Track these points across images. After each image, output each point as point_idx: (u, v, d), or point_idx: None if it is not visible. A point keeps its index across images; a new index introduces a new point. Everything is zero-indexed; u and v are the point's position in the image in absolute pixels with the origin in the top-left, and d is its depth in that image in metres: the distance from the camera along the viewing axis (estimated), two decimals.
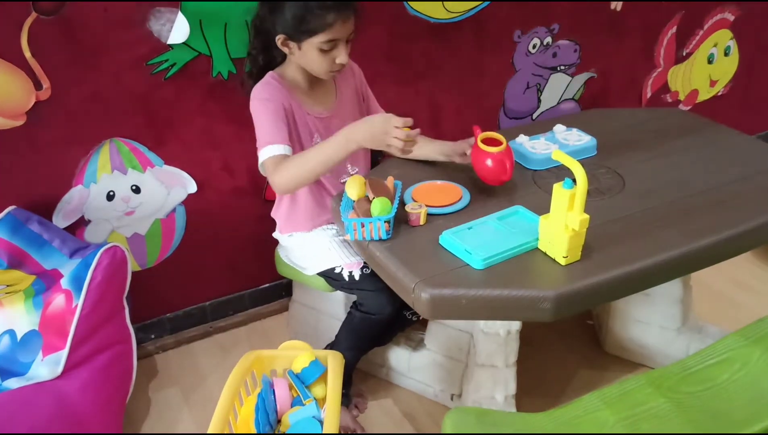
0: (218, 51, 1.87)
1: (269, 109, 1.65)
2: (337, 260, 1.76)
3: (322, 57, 1.62)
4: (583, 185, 1.33)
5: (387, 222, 1.50)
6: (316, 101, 1.75)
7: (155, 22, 1.76)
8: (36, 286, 1.71)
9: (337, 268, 1.76)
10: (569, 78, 2.52)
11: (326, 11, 1.56)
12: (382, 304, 1.73)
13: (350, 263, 1.74)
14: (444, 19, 2.15)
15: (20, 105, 1.71)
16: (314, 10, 1.55)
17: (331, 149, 1.57)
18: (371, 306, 1.75)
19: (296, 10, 1.57)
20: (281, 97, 1.67)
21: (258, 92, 1.68)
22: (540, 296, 1.33)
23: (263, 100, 1.66)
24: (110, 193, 1.92)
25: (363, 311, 1.77)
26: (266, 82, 1.69)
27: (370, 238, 1.52)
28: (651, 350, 2.02)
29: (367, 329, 1.79)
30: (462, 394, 1.86)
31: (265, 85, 1.69)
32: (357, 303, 1.79)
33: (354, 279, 1.73)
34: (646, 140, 1.95)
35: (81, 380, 1.69)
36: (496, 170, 1.62)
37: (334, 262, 1.76)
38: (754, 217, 1.56)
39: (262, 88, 1.68)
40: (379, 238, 1.51)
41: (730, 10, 2.74)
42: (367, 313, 1.76)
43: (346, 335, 1.81)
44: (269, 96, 1.67)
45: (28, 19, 1.63)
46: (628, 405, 1.26)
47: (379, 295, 1.71)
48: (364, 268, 1.73)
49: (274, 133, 1.63)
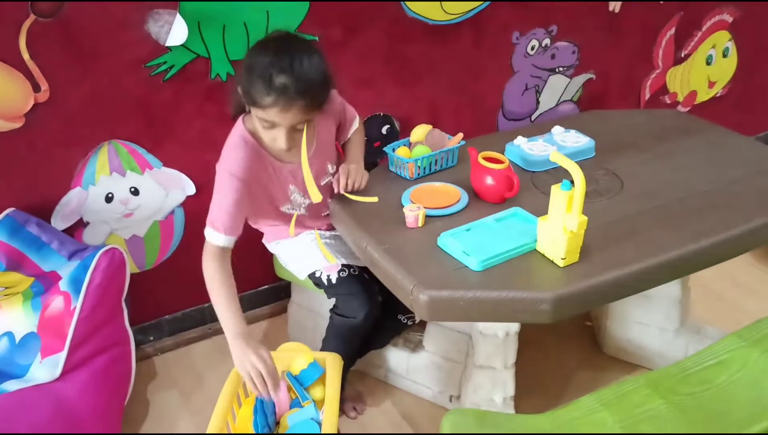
0: (216, 53, 1.87)
1: (233, 188, 1.58)
2: (317, 264, 1.77)
3: (263, 130, 1.55)
4: (581, 187, 1.33)
5: (411, 164, 1.77)
6: (284, 153, 1.65)
7: (153, 24, 1.76)
8: (34, 288, 1.71)
9: (317, 271, 1.76)
10: (568, 79, 2.52)
11: (265, 91, 1.46)
12: (355, 307, 1.72)
13: (329, 266, 1.75)
14: (442, 20, 2.15)
15: (18, 107, 1.71)
16: (256, 85, 1.47)
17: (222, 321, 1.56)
18: (345, 309, 1.75)
19: (248, 74, 1.48)
20: (251, 165, 1.60)
21: (228, 160, 1.60)
22: (538, 298, 1.34)
23: (231, 175, 1.58)
24: (109, 195, 1.92)
25: (339, 314, 1.77)
26: (237, 144, 1.61)
27: (398, 172, 1.83)
28: (649, 351, 2.02)
29: (347, 333, 1.78)
30: (461, 395, 1.86)
31: (236, 148, 1.60)
32: (335, 306, 1.79)
33: (331, 282, 1.74)
34: (644, 142, 1.96)
35: (79, 382, 1.69)
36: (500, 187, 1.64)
37: (315, 266, 1.77)
38: (753, 219, 1.56)
39: (232, 155, 1.60)
40: (404, 176, 1.80)
41: (729, 11, 2.74)
42: (343, 316, 1.76)
43: (330, 339, 1.80)
44: (237, 170, 1.58)
45: (26, 21, 1.63)
46: (627, 406, 1.26)
47: (352, 298, 1.72)
48: (341, 271, 1.73)
49: (225, 219, 1.58)
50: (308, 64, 1.48)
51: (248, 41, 1.88)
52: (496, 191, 1.65)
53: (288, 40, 1.52)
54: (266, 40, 1.55)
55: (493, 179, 1.64)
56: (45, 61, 1.69)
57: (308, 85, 1.47)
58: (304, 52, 1.49)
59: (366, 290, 1.72)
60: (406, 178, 1.80)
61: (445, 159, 1.84)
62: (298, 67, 1.46)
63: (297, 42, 1.53)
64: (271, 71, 1.45)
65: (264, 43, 1.53)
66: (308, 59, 1.48)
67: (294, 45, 1.51)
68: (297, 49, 1.49)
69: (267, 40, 1.55)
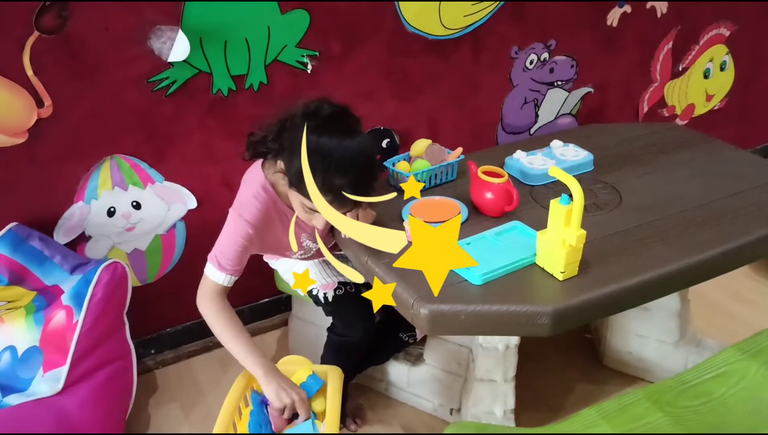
0: (218, 68, 1.88)
1: (245, 235, 1.57)
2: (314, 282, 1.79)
3: (300, 209, 1.53)
4: (579, 201, 1.34)
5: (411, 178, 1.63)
6: None
7: (156, 40, 1.77)
8: (37, 303, 1.72)
9: (314, 289, 1.77)
10: (566, 93, 2.53)
11: (325, 193, 1.37)
12: (350, 325, 1.74)
13: (326, 284, 1.76)
14: (442, 35, 2.17)
15: (22, 123, 1.72)
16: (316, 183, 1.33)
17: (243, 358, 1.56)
18: (341, 327, 1.76)
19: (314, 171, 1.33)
20: (266, 217, 1.59)
21: (243, 208, 1.58)
22: (538, 311, 1.34)
23: (245, 222, 1.56)
24: (111, 209, 1.93)
25: (335, 332, 1.78)
26: (256, 194, 1.58)
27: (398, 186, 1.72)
28: (649, 364, 2.02)
29: (344, 350, 1.79)
30: (461, 408, 1.86)
31: (254, 199, 1.58)
32: (332, 324, 1.80)
33: (327, 300, 1.75)
34: (643, 155, 1.97)
35: (81, 396, 1.69)
36: (499, 201, 1.65)
37: (311, 284, 1.78)
38: (752, 231, 1.57)
39: (249, 204, 1.57)
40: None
41: (726, 25, 2.76)
42: (338, 334, 1.77)
43: (328, 356, 1.81)
44: (252, 220, 1.56)
45: (30, 37, 1.65)
46: (627, 419, 1.26)
47: (348, 317, 1.73)
48: (337, 289, 1.74)
49: (232, 258, 1.57)
50: (365, 161, 1.45)
51: (249, 57, 1.90)
52: (495, 205, 1.66)
53: (344, 129, 1.44)
54: (322, 125, 1.42)
55: (493, 193, 1.65)
56: (48, 76, 1.70)
57: (365, 186, 1.44)
58: (360, 145, 1.44)
59: (362, 309, 1.73)
60: None
61: (444, 173, 1.85)
62: (357, 170, 1.42)
63: (351, 130, 1.46)
64: (331, 173, 1.39)
65: (319, 130, 1.40)
66: (366, 155, 1.46)
67: (348, 134, 1.44)
68: (354, 146, 1.43)
69: (323, 125, 1.42)
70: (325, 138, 1.40)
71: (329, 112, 1.45)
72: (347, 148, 1.41)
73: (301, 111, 1.47)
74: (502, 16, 2.24)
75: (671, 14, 2.58)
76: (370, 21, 2.03)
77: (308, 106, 1.47)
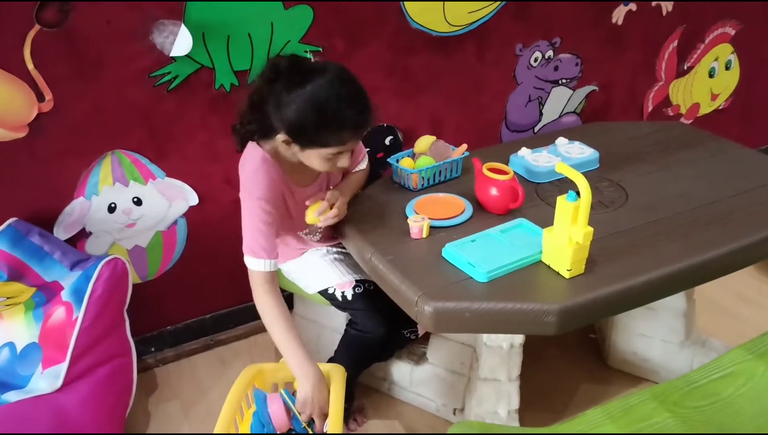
0: (221, 63, 1.87)
1: (263, 212, 1.56)
2: (329, 280, 1.76)
3: (324, 162, 1.55)
4: (587, 198, 1.32)
5: (415, 175, 1.77)
6: (304, 176, 1.68)
7: (158, 34, 1.76)
8: (36, 299, 1.70)
9: (330, 288, 1.75)
10: (571, 91, 2.52)
11: (344, 130, 1.49)
12: (376, 324, 1.72)
13: (342, 283, 1.74)
14: (446, 32, 2.16)
15: (22, 117, 1.71)
16: (332, 128, 1.47)
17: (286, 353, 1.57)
18: (364, 325, 1.74)
19: (311, 123, 1.46)
20: (275, 186, 1.59)
21: (252, 186, 1.57)
22: (544, 310, 1.33)
23: (258, 200, 1.56)
24: (112, 205, 1.92)
25: (357, 330, 1.76)
26: (259, 168, 1.57)
27: (401, 183, 1.83)
28: (654, 364, 2.00)
29: (362, 347, 1.78)
30: (464, 408, 1.85)
31: (258, 172, 1.57)
32: (351, 321, 1.79)
33: (346, 299, 1.73)
34: (648, 153, 1.95)
35: (80, 394, 1.68)
36: (504, 198, 1.63)
37: (327, 283, 1.76)
38: (758, 231, 1.56)
39: (255, 179, 1.57)
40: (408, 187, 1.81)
41: (731, 24, 2.74)
42: (361, 331, 1.75)
43: (343, 352, 1.80)
44: (263, 193, 1.56)
45: (31, 31, 1.63)
46: (633, 420, 1.25)
47: (372, 314, 1.71)
48: (356, 286, 1.72)
49: (263, 243, 1.56)
50: (357, 86, 1.50)
51: (252, 52, 1.88)
52: (500, 202, 1.64)
53: (318, 68, 1.49)
54: (299, 75, 1.47)
55: (498, 190, 1.64)
56: (49, 70, 1.69)
57: (369, 108, 1.51)
58: (344, 75, 1.50)
59: (383, 306, 1.71)
60: (410, 189, 1.80)
61: (448, 170, 1.84)
62: (357, 94, 1.49)
63: (321, 68, 1.50)
64: (342, 110, 1.45)
65: (301, 81, 1.46)
66: (351, 81, 1.50)
67: (324, 71, 1.48)
68: (339, 77, 1.48)
69: (300, 75, 1.47)
70: (311, 85, 1.45)
71: (290, 62, 1.49)
72: (333, 82, 1.46)
73: (266, 76, 1.50)
74: (507, 13, 2.22)
75: (676, 13, 2.57)
76: (373, 17, 2.02)
77: (268, 70, 1.50)
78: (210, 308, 2.23)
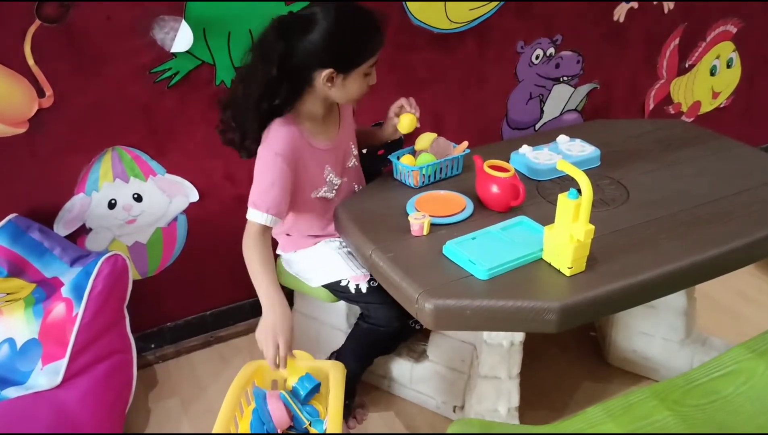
0: (221, 59, 1.87)
1: (276, 167, 1.58)
2: (343, 273, 1.74)
3: (362, 83, 1.62)
4: (588, 195, 1.32)
5: (416, 172, 1.77)
6: (324, 134, 1.71)
7: (159, 30, 1.76)
8: (36, 295, 1.70)
9: (344, 280, 1.74)
10: (572, 89, 2.51)
11: (373, 37, 1.58)
12: (391, 317, 1.72)
13: (357, 276, 1.73)
14: (447, 29, 2.15)
15: (23, 112, 1.70)
16: (363, 39, 1.57)
17: (257, 282, 1.57)
18: (379, 319, 1.74)
19: (347, 43, 1.55)
20: (294, 143, 1.61)
21: (271, 140, 1.60)
22: (545, 307, 1.32)
23: (275, 154, 1.58)
24: (112, 202, 1.91)
25: (371, 323, 1.76)
26: (279, 126, 1.61)
27: (402, 180, 1.82)
28: (655, 362, 2.00)
29: (374, 341, 1.78)
30: (464, 405, 1.85)
31: (279, 129, 1.61)
32: (364, 315, 1.78)
33: (361, 292, 1.72)
34: (649, 151, 1.95)
35: (80, 390, 1.68)
36: (505, 196, 1.63)
37: (341, 275, 1.75)
38: (759, 229, 1.55)
39: (275, 136, 1.60)
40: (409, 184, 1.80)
41: (733, 22, 2.74)
42: (375, 325, 1.75)
43: (353, 346, 1.79)
44: (282, 148, 1.59)
45: (31, 26, 1.63)
46: (633, 418, 1.25)
47: (388, 308, 1.70)
48: (371, 280, 1.72)
49: (266, 198, 1.58)
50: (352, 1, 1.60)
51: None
52: (501, 200, 1.64)
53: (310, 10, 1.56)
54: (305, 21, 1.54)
55: (499, 188, 1.63)
56: (50, 66, 1.69)
57: (372, 9, 1.60)
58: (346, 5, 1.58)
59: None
60: (411, 186, 1.80)
61: (449, 167, 1.83)
62: (357, 6, 1.58)
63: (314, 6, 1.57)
64: (360, 21, 1.56)
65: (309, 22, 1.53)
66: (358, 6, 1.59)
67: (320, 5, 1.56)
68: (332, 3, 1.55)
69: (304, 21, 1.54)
70: (320, 19, 1.52)
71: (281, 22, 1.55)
72: (331, 8, 1.53)
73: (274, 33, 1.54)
74: (508, 10, 2.22)
75: (678, 10, 2.57)
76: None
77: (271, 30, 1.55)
78: (210, 305, 2.23)
